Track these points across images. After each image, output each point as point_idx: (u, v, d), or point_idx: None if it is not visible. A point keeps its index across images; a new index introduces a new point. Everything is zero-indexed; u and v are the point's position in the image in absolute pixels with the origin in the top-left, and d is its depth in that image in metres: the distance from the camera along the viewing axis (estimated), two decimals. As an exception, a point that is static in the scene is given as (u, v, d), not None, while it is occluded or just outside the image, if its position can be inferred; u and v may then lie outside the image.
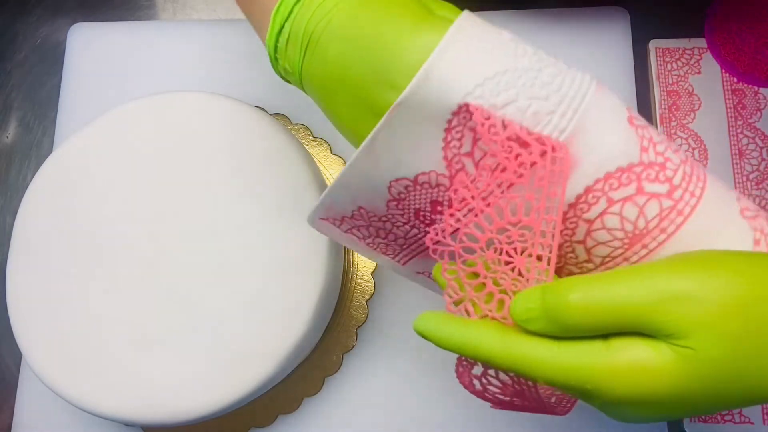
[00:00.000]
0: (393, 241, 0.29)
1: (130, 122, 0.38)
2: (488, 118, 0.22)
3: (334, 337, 0.42)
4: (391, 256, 0.30)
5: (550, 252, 0.22)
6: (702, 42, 0.48)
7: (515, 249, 0.22)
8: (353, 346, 0.42)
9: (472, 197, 0.23)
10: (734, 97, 0.47)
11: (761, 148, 0.46)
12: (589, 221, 0.24)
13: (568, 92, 0.23)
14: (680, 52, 0.48)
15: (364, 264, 0.43)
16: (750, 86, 0.47)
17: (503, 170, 0.22)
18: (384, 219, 0.27)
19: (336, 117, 0.27)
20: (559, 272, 0.26)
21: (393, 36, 0.24)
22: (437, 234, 0.24)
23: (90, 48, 0.49)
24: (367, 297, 0.43)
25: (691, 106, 0.47)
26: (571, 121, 0.23)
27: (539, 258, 0.22)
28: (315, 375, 0.42)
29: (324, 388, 0.42)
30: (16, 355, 0.45)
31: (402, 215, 0.27)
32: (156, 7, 0.53)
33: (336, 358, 0.42)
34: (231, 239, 0.36)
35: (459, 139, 0.23)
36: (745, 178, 0.45)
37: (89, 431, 0.42)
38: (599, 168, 0.23)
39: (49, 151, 0.49)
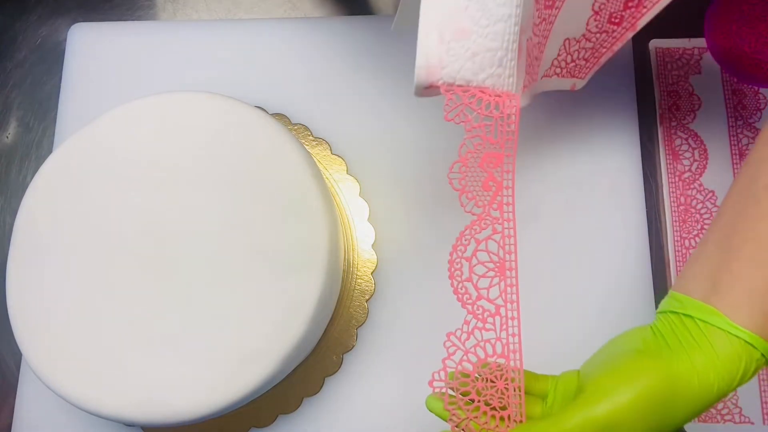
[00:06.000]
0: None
1: (130, 122, 0.38)
2: None
3: (334, 337, 0.42)
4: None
5: (520, 379, 0.31)
6: (702, 42, 0.48)
7: (496, 376, 0.31)
8: (353, 346, 0.42)
9: (463, 343, 0.31)
10: (734, 97, 0.47)
11: (761, 148, 0.46)
12: None
13: None
14: (680, 52, 0.48)
15: (364, 264, 0.43)
16: (750, 86, 0.47)
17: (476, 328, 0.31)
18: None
19: None
20: None
21: None
22: (439, 378, 0.31)
23: (90, 48, 0.49)
24: (367, 297, 0.43)
25: (691, 106, 0.47)
26: None
27: (513, 380, 0.31)
28: (315, 375, 0.42)
29: (324, 388, 0.42)
30: (16, 355, 0.45)
31: None
32: (156, 7, 0.53)
33: (336, 358, 0.42)
34: (231, 239, 0.36)
35: None
36: (745, 178, 0.45)
37: (89, 431, 0.42)
38: None
39: (49, 151, 0.49)
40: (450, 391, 0.31)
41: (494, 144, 0.30)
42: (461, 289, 0.32)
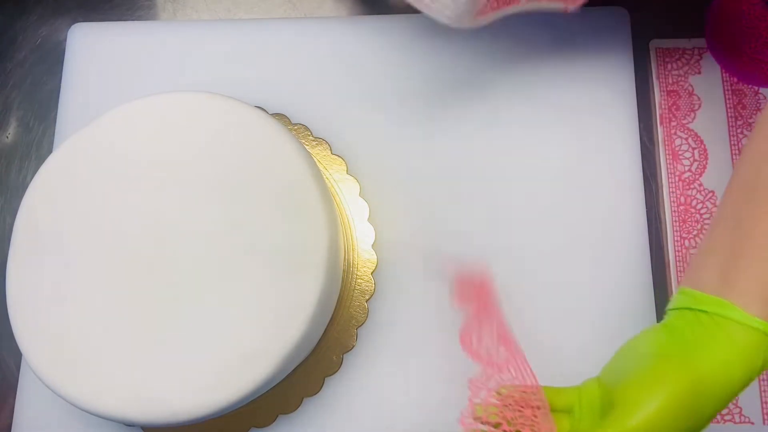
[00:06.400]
0: None
1: (130, 122, 0.38)
2: None
3: (334, 337, 0.42)
4: None
5: (544, 405, 0.32)
6: (702, 42, 0.48)
7: (522, 405, 0.32)
8: (353, 346, 0.42)
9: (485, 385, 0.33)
10: (734, 97, 0.47)
11: (761, 148, 0.46)
12: None
13: None
14: (680, 52, 0.48)
15: (364, 264, 0.43)
16: (750, 86, 0.47)
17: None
18: None
19: None
20: None
21: None
22: (468, 415, 0.32)
23: (90, 48, 0.49)
24: (367, 297, 0.43)
25: (691, 106, 0.47)
26: None
27: (538, 407, 0.31)
28: (315, 375, 0.41)
29: (324, 388, 0.42)
30: (16, 355, 0.45)
31: None
32: (156, 7, 0.53)
33: (336, 358, 0.42)
34: (231, 239, 0.36)
35: None
36: (745, 178, 0.45)
37: (89, 431, 0.42)
38: None
39: (49, 151, 0.49)
40: (481, 427, 0.32)
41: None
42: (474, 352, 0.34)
